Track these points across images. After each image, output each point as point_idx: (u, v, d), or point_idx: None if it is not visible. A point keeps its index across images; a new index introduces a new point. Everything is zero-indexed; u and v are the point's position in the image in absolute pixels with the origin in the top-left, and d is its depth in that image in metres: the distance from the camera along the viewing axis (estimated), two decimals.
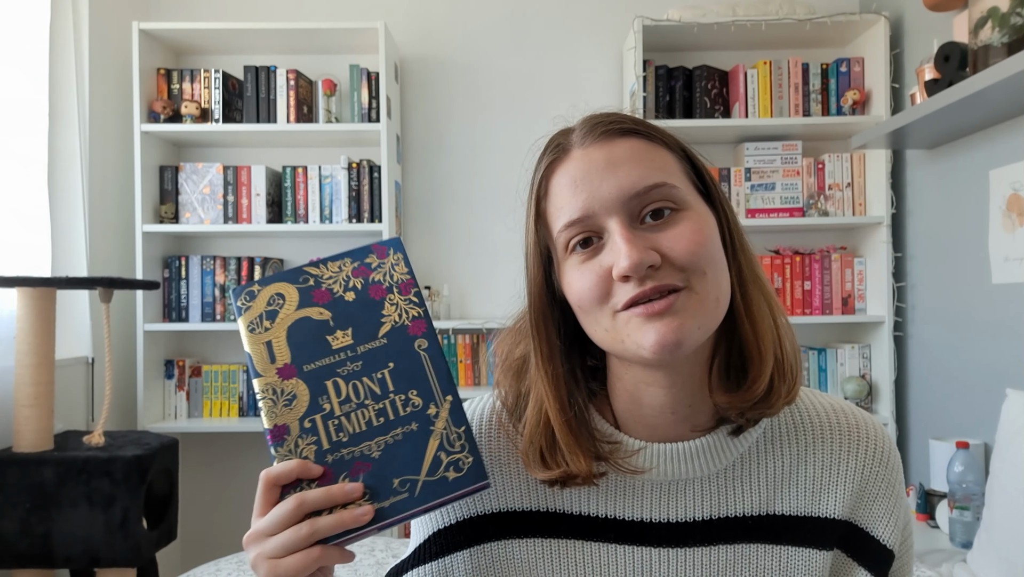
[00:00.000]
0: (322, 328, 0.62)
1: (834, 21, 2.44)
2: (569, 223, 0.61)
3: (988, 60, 1.66)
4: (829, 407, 0.69)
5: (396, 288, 0.64)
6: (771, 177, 2.54)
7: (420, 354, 0.62)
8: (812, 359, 2.56)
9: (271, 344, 0.62)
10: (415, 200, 2.75)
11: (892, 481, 0.68)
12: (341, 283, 0.64)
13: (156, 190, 2.55)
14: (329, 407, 0.60)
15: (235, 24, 2.48)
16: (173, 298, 2.56)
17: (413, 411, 0.61)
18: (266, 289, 0.64)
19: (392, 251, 0.66)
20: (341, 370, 0.61)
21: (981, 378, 2.03)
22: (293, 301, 0.63)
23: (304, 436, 0.60)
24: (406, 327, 0.63)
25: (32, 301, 1.78)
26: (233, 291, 0.64)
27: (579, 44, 2.73)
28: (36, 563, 1.72)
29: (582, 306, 0.62)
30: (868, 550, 0.66)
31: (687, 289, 0.58)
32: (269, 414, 0.60)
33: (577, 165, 0.62)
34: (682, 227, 0.60)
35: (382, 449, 0.59)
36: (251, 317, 0.63)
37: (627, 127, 0.63)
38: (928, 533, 2.00)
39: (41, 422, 1.79)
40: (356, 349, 0.62)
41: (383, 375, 0.61)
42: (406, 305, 0.64)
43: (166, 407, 2.59)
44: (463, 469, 0.59)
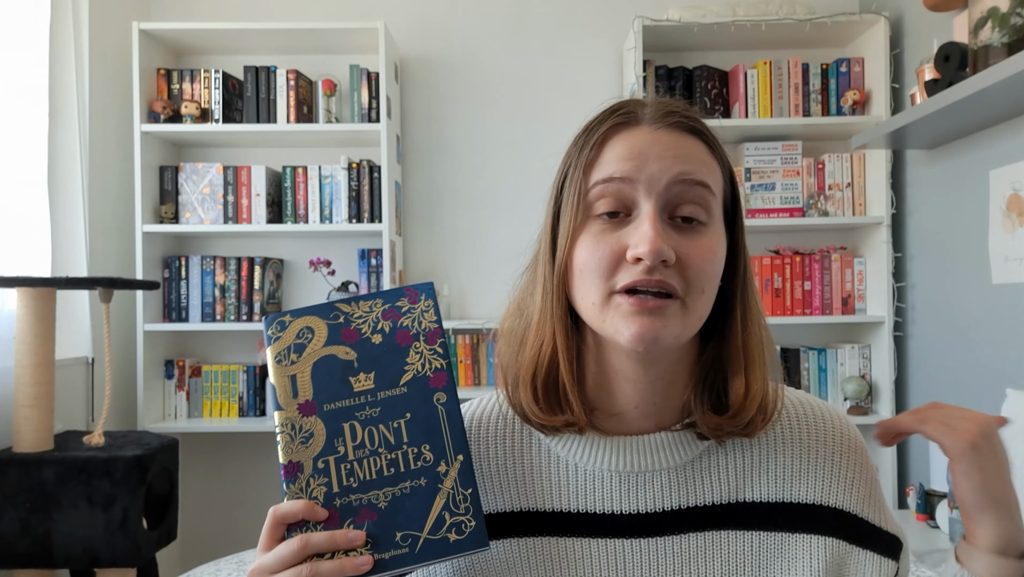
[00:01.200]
0: (346, 368, 0.63)
1: (834, 21, 2.44)
2: (609, 178, 0.62)
3: (988, 60, 1.66)
4: (796, 400, 0.72)
5: (423, 336, 0.64)
6: (771, 177, 2.54)
7: (438, 408, 0.62)
8: (812, 359, 2.56)
9: (295, 378, 0.62)
10: (415, 200, 2.75)
11: (865, 468, 0.69)
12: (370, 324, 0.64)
13: (156, 190, 2.55)
14: (343, 450, 0.61)
15: (235, 24, 2.48)
16: (173, 298, 2.56)
17: (424, 466, 0.61)
18: (297, 321, 0.64)
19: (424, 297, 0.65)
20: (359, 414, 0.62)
21: (981, 378, 2.03)
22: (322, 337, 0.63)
23: (316, 476, 0.60)
24: (428, 378, 0.63)
25: (32, 301, 1.78)
26: (265, 319, 0.64)
27: (579, 44, 2.73)
28: (36, 563, 1.72)
29: (584, 273, 0.63)
30: (863, 532, 0.67)
31: (681, 301, 0.61)
32: (285, 449, 0.61)
33: (642, 137, 0.63)
34: (703, 241, 0.62)
35: (389, 500, 0.60)
36: (280, 348, 0.63)
37: (699, 128, 0.66)
38: (928, 533, 2.00)
39: (41, 422, 1.79)
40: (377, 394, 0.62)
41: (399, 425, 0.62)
42: (431, 355, 0.64)
43: (166, 407, 2.59)
44: (465, 532, 0.60)
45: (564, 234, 0.64)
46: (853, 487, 0.68)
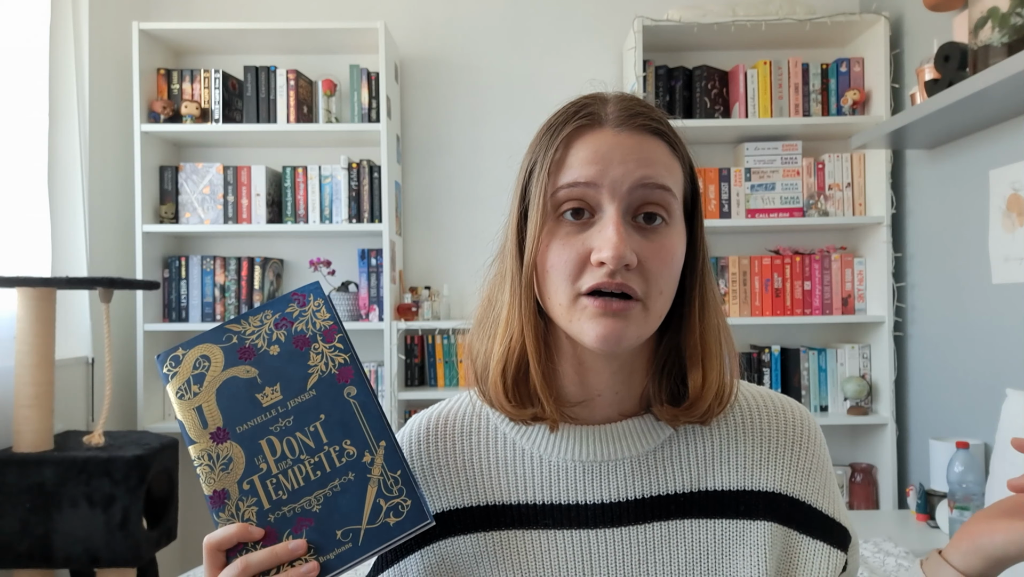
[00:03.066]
0: (251, 386, 0.62)
1: (834, 21, 2.44)
2: (573, 182, 0.63)
3: (988, 60, 1.66)
4: (757, 393, 0.73)
5: (320, 336, 0.64)
6: (771, 177, 2.54)
7: (350, 402, 0.62)
8: (812, 359, 2.56)
9: (201, 409, 0.62)
10: (415, 200, 2.75)
11: (821, 459, 0.71)
12: (264, 337, 0.64)
13: (156, 190, 2.55)
14: (266, 466, 0.61)
15: (235, 24, 2.48)
16: (173, 298, 2.56)
17: (349, 461, 0.61)
18: (191, 352, 0.63)
19: (312, 297, 0.66)
20: (274, 428, 0.61)
21: (981, 378, 2.03)
22: (219, 362, 0.63)
23: (244, 498, 0.60)
24: (333, 376, 0.63)
25: (32, 301, 1.78)
26: (158, 358, 0.64)
27: (579, 44, 2.73)
28: (36, 563, 1.72)
29: (552, 274, 0.64)
30: (815, 521, 0.68)
31: (641, 303, 0.63)
32: (208, 480, 0.60)
33: (606, 141, 0.64)
34: (664, 243, 0.64)
35: (322, 502, 0.60)
36: (179, 383, 0.62)
37: (661, 129, 0.67)
38: (928, 533, 2.00)
39: (41, 422, 1.79)
40: (287, 404, 0.62)
41: (316, 428, 0.62)
42: (331, 353, 0.64)
43: (166, 407, 2.59)
44: (403, 513, 0.60)
45: (532, 235, 0.65)
46: (809, 477, 0.69)
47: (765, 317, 2.53)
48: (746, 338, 2.67)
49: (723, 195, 2.54)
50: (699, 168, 2.53)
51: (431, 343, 2.60)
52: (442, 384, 2.59)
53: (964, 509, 1.83)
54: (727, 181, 2.54)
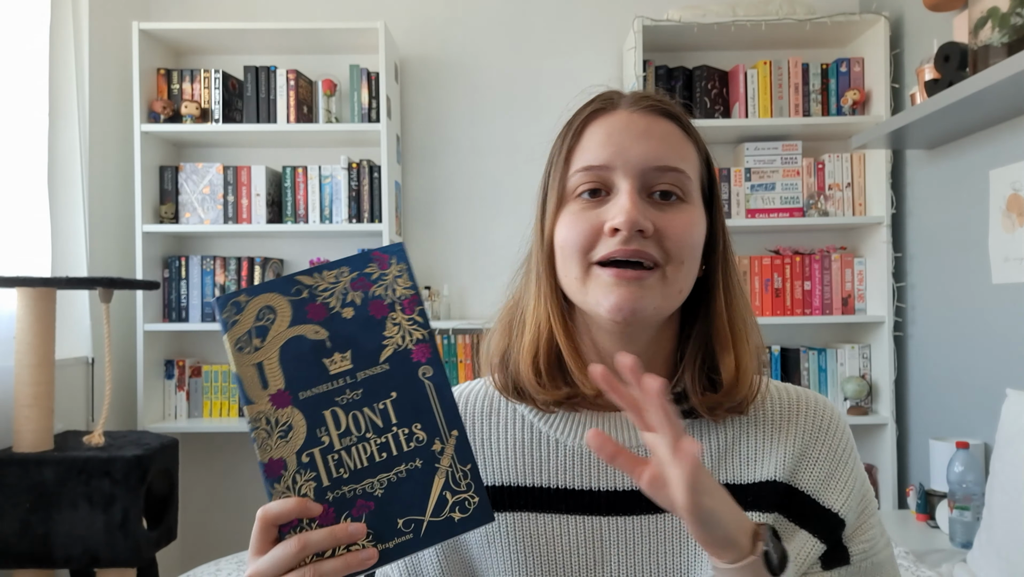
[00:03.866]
0: (318, 349, 0.57)
1: (834, 21, 2.44)
2: (588, 166, 0.64)
3: (988, 60, 1.66)
4: (775, 386, 0.73)
5: (399, 305, 0.58)
6: (771, 177, 2.54)
7: (425, 383, 0.57)
8: (812, 359, 2.56)
9: (262, 366, 0.56)
10: (415, 200, 2.75)
11: (836, 448, 0.69)
12: (338, 297, 0.57)
13: (156, 190, 2.55)
14: (328, 440, 0.56)
15: (235, 24, 2.48)
16: (173, 298, 2.56)
17: (417, 446, 0.57)
18: (255, 300, 0.57)
19: (395, 260, 0.59)
20: (340, 399, 0.56)
21: (981, 378, 2.03)
22: (285, 316, 0.57)
23: (302, 471, 0.55)
24: (409, 352, 0.57)
25: (32, 301, 1.77)
26: (217, 301, 0.57)
27: (579, 44, 2.73)
28: (36, 563, 1.72)
29: (565, 249, 0.65)
30: (808, 512, 0.67)
31: (661, 271, 0.63)
32: (263, 447, 0.55)
33: (618, 121, 0.65)
34: (682, 216, 0.64)
35: (385, 487, 0.56)
36: (239, 334, 0.57)
37: (673, 112, 0.67)
38: (928, 533, 2.00)
39: (41, 422, 1.79)
40: (356, 375, 0.57)
41: (385, 406, 0.57)
42: (410, 326, 0.58)
43: (166, 407, 2.59)
44: (469, 509, 0.56)
45: (549, 216, 0.67)
46: (816, 465, 0.68)
47: (765, 317, 2.53)
48: None
49: (723, 195, 2.53)
50: None
51: None
52: None
53: (964, 509, 1.83)
54: (727, 181, 2.54)
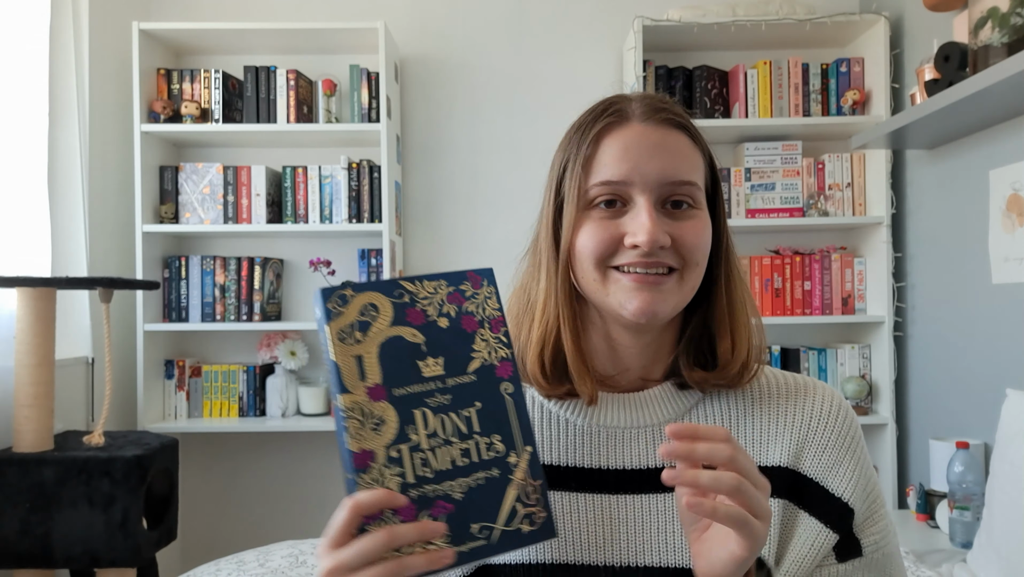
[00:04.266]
0: (414, 352, 0.59)
1: (834, 21, 2.44)
2: (606, 181, 0.68)
3: (988, 60, 1.66)
4: (780, 373, 0.76)
5: (488, 323, 0.62)
6: (771, 177, 2.54)
7: (505, 398, 0.61)
8: (812, 359, 2.56)
9: (362, 359, 0.58)
10: (415, 200, 2.75)
11: (843, 436, 0.71)
12: (436, 306, 0.61)
13: (156, 190, 2.55)
14: (416, 438, 0.57)
15: (235, 24, 2.48)
16: (173, 298, 2.56)
17: (495, 457, 0.59)
18: (360, 296, 0.59)
19: (486, 282, 0.63)
20: (430, 400, 0.59)
21: (981, 378, 2.03)
22: (387, 316, 0.59)
23: (389, 465, 0.56)
24: (494, 367, 0.61)
25: (32, 301, 1.77)
26: (321, 291, 0.59)
27: (579, 44, 2.73)
28: (36, 563, 1.72)
29: (583, 254, 0.68)
30: (815, 498, 0.68)
31: (677, 275, 0.67)
32: (355, 436, 0.56)
33: (633, 135, 0.69)
34: (694, 223, 0.69)
35: (464, 491, 0.58)
36: (342, 324, 0.58)
37: (683, 123, 0.71)
38: (928, 533, 2.00)
39: (41, 422, 1.79)
40: (446, 381, 0.59)
41: (470, 414, 0.59)
42: (496, 344, 0.62)
43: (166, 407, 2.59)
44: (536, 524, 0.59)
45: (568, 225, 0.69)
46: (824, 453, 0.70)
47: (765, 317, 2.52)
48: None
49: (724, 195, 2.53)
50: None
51: None
52: None
53: (964, 509, 1.83)
54: (727, 181, 2.54)
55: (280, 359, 2.56)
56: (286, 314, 2.72)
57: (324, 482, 2.74)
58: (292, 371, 2.62)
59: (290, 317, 2.72)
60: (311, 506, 2.75)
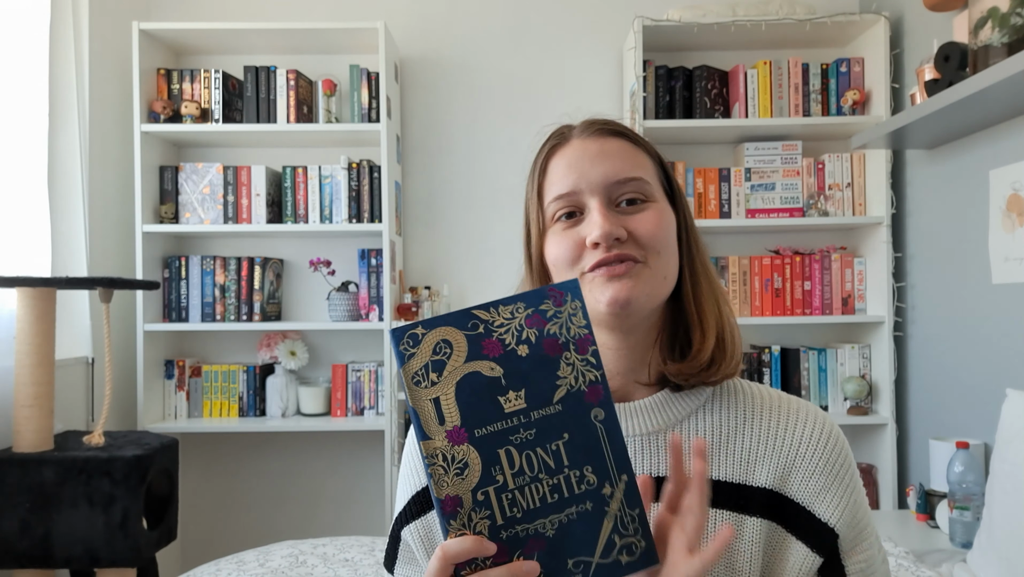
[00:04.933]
0: (493, 387, 0.56)
1: (834, 21, 2.44)
2: (559, 196, 0.73)
3: (988, 60, 1.66)
4: (772, 392, 0.77)
5: (573, 344, 0.58)
6: (771, 177, 2.54)
7: (596, 426, 0.57)
8: (812, 359, 2.56)
9: (439, 401, 0.56)
10: (415, 200, 2.75)
11: (831, 463, 0.71)
12: (514, 333, 0.57)
13: (156, 190, 2.55)
14: (503, 479, 0.56)
15: (235, 24, 2.48)
16: (173, 298, 2.56)
17: (588, 489, 0.57)
18: (432, 334, 0.56)
19: (570, 297, 0.59)
20: (514, 438, 0.56)
21: (981, 378, 2.03)
22: (462, 351, 0.57)
23: (477, 509, 0.55)
24: (582, 393, 0.57)
25: (32, 301, 1.78)
26: (393, 333, 0.57)
27: (579, 44, 2.73)
28: (36, 563, 1.72)
29: (557, 265, 0.73)
30: (801, 521, 0.69)
31: (643, 263, 0.70)
32: (440, 483, 0.55)
33: (574, 151, 0.74)
34: (648, 214, 0.72)
35: (556, 527, 0.56)
36: (416, 367, 0.56)
37: (618, 130, 0.76)
38: (928, 533, 2.00)
39: (41, 422, 1.79)
40: (530, 415, 0.56)
41: (558, 447, 0.56)
42: (583, 367, 0.58)
43: (166, 407, 2.59)
44: (636, 553, 0.57)
45: (535, 244, 0.76)
46: (811, 479, 0.70)
47: (765, 317, 2.53)
48: (746, 338, 2.67)
49: (723, 195, 2.54)
50: (699, 168, 2.55)
51: None
52: None
53: (964, 509, 1.83)
54: (727, 181, 2.54)
55: (280, 359, 2.56)
56: (286, 314, 2.72)
57: (324, 482, 2.74)
58: (292, 371, 2.62)
59: (290, 317, 2.72)
60: (311, 506, 2.75)
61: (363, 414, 2.58)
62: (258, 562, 1.73)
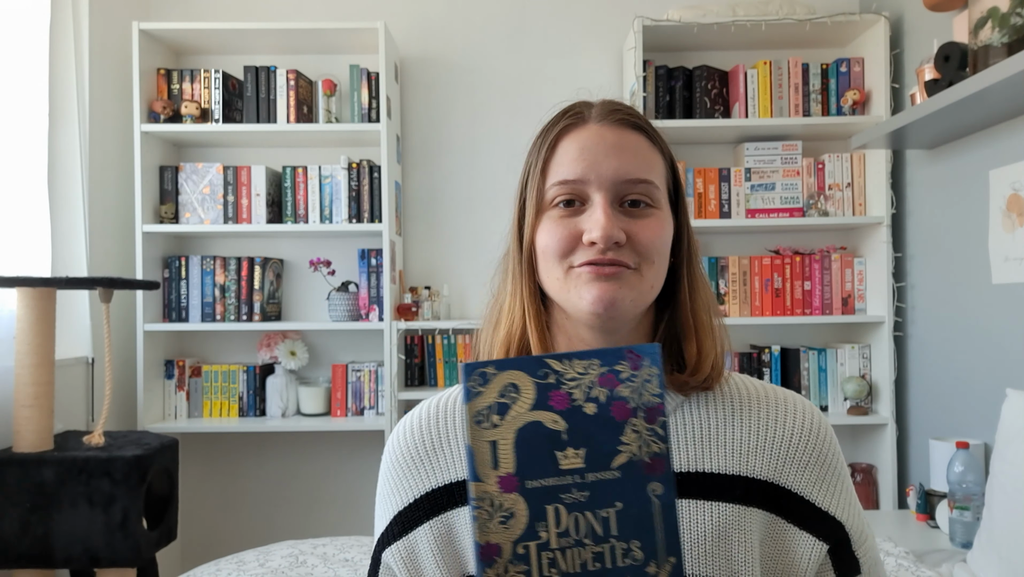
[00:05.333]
0: (553, 440, 0.55)
1: (834, 21, 2.44)
2: (563, 180, 0.69)
3: (988, 60, 1.66)
4: (759, 384, 0.76)
5: (642, 412, 0.56)
6: (771, 177, 2.54)
7: (653, 500, 0.55)
8: (812, 359, 2.56)
9: (496, 445, 0.54)
10: (415, 200, 2.75)
11: (823, 452, 0.71)
12: (584, 389, 0.56)
13: (156, 190, 2.55)
14: (546, 537, 0.53)
15: (235, 24, 2.48)
16: (173, 298, 2.56)
17: (632, 565, 0.54)
18: (502, 375, 0.56)
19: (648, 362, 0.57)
20: (565, 497, 0.54)
21: (981, 378, 2.03)
22: (528, 398, 0.55)
23: (515, 562, 0.53)
24: (643, 464, 0.55)
25: (32, 301, 1.78)
26: (465, 368, 0.56)
27: (579, 44, 2.73)
28: (36, 563, 1.72)
29: (546, 253, 0.70)
30: (802, 511, 0.69)
31: (635, 270, 0.68)
32: (482, 528, 0.53)
33: (590, 136, 0.70)
34: (651, 221, 0.69)
35: None
36: (480, 406, 0.55)
37: (640, 124, 0.72)
38: (928, 533, 2.00)
39: (41, 422, 1.79)
40: (585, 476, 0.55)
41: (608, 514, 0.54)
42: (649, 436, 0.55)
43: (166, 407, 2.59)
44: None
45: (528, 224, 0.72)
46: (806, 469, 0.70)
47: (765, 317, 2.53)
48: (746, 338, 2.67)
49: (723, 195, 2.54)
50: (699, 168, 2.55)
51: (431, 343, 2.60)
52: (442, 384, 2.59)
53: (964, 509, 1.83)
54: (727, 181, 2.54)
55: (280, 359, 2.56)
56: (286, 314, 2.72)
57: (324, 482, 2.74)
58: (292, 371, 2.62)
59: (290, 317, 2.72)
60: (311, 506, 2.75)
61: (363, 414, 2.58)
62: (258, 562, 1.73)
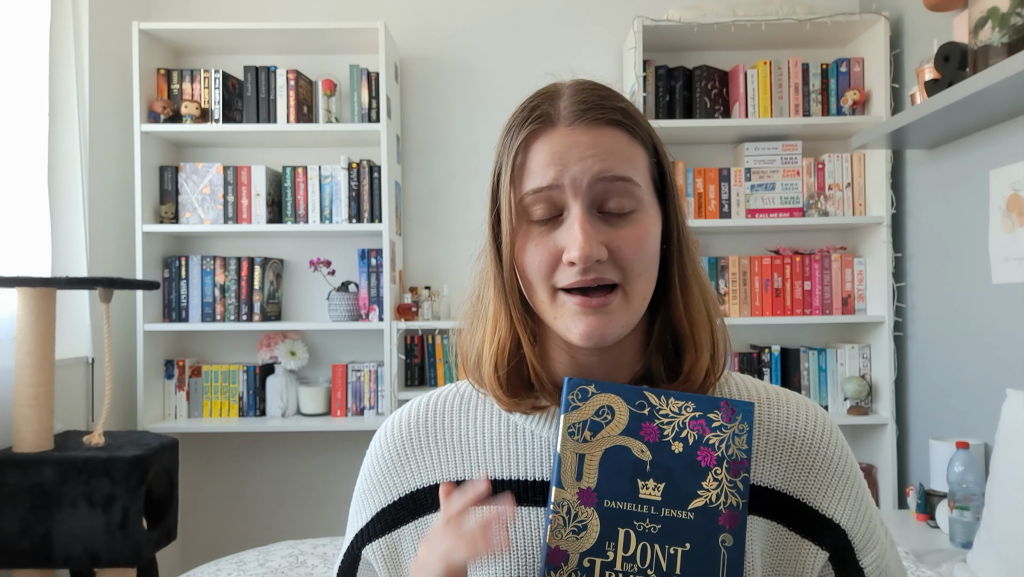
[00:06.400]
0: (637, 468, 0.57)
1: (834, 21, 2.44)
2: (537, 189, 0.64)
3: (988, 60, 1.66)
4: (761, 385, 0.73)
5: (727, 463, 0.58)
6: (771, 177, 2.54)
7: (721, 551, 0.56)
8: (812, 359, 2.56)
9: (584, 459, 0.57)
10: (415, 200, 2.75)
11: (831, 458, 0.69)
12: (675, 428, 0.58)
13: (156, 190, 2.55)
14: (612, 556, 0.55)
15: (235, 24, 2.48)
16: (173, 298, 2.56)
17: None
18: (600, 396, 0.59)
19: (740, 418, 0.59)
20: (638, 524, 0.56)
21: (981, 378, 2.03)
22: (621, 422, 0.58)
23: (578, 573, 0.55)
24: (719, 513, 0.57)
25: (32, 301, 1.78)
26: (568, 381, 0.59)
27: (579, 44, 2.73)
28: (36, 563, 1.72)
29: (530, 274, 0.66)
30: (806, 519, 0.67)
31: (621, 290, 0.64)
32: (555, 533, 0.56)
33: (560, 141, 0.65)
34: (632, 228, 0.64)
35: None
36: (575, 420, 0.58)
37: (616, 117, 0.66)
38: (928, 533, 2.00)
39: (41, 422, 1.79)
40: (660, 509, 0.56)
41: (675, 552, 0.56)
42: (729, 488, 0.57)
43: (166, 407, 2.59)
44: None
45: (506, 241, 0.66)
46: (810, 475, 0.68)
47: (765, 317, 2.53)
48: (746, 338, 2.67)
49: (723, 195, 2.54)
50: (699, 168, 2.54)
51: (431, 343, 2.60)
52: (442, 384, 2.58)
53: (964, 509, 1.83)
54: (727, 181, 2.54)
55: (280, 359, 2.56)
56: (286, 314, 2.72)
57: (324, 482, 2.74)
58: (292, 371, 2.62)
59: (290, 317, 2.72)
60: (311, 506, 2.75)
61: (363, 414, 2.58)
62: (258, 562, 1.73)
